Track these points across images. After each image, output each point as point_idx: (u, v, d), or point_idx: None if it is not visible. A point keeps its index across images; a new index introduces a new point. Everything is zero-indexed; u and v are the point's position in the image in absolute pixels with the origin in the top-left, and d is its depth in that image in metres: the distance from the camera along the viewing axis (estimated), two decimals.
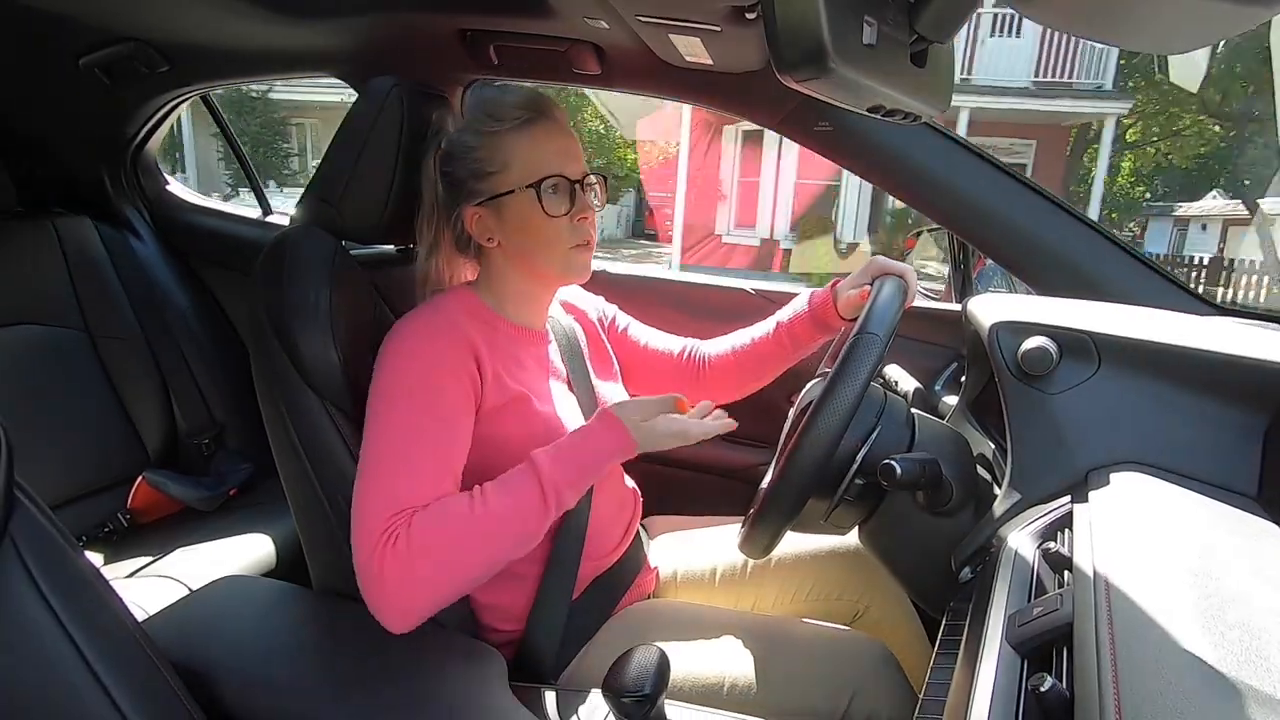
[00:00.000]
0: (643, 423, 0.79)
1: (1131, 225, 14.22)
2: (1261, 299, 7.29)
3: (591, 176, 0.86)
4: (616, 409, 0.80)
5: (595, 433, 0.79)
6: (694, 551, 1.06)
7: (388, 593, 0.70)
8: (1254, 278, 7.61)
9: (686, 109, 10.16)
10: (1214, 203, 12.43)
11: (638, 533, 1.02)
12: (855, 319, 0.97)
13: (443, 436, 0.76)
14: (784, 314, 1.03)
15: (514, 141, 0.82)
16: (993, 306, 0.82)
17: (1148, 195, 15.02)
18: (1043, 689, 0.43)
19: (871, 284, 0.92)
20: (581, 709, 0.76)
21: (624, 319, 1.10)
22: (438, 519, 0.71)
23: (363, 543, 0.71)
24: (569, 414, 0.89)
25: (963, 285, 1.27)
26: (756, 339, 1.05)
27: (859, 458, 0.80)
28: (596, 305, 1.07)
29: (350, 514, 0.74)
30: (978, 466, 0.85)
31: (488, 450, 0.81)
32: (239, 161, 1.93)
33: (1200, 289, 1.06)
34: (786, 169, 10.55)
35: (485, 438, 0.81)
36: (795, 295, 1.03)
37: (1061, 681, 0.44)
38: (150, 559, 1.24)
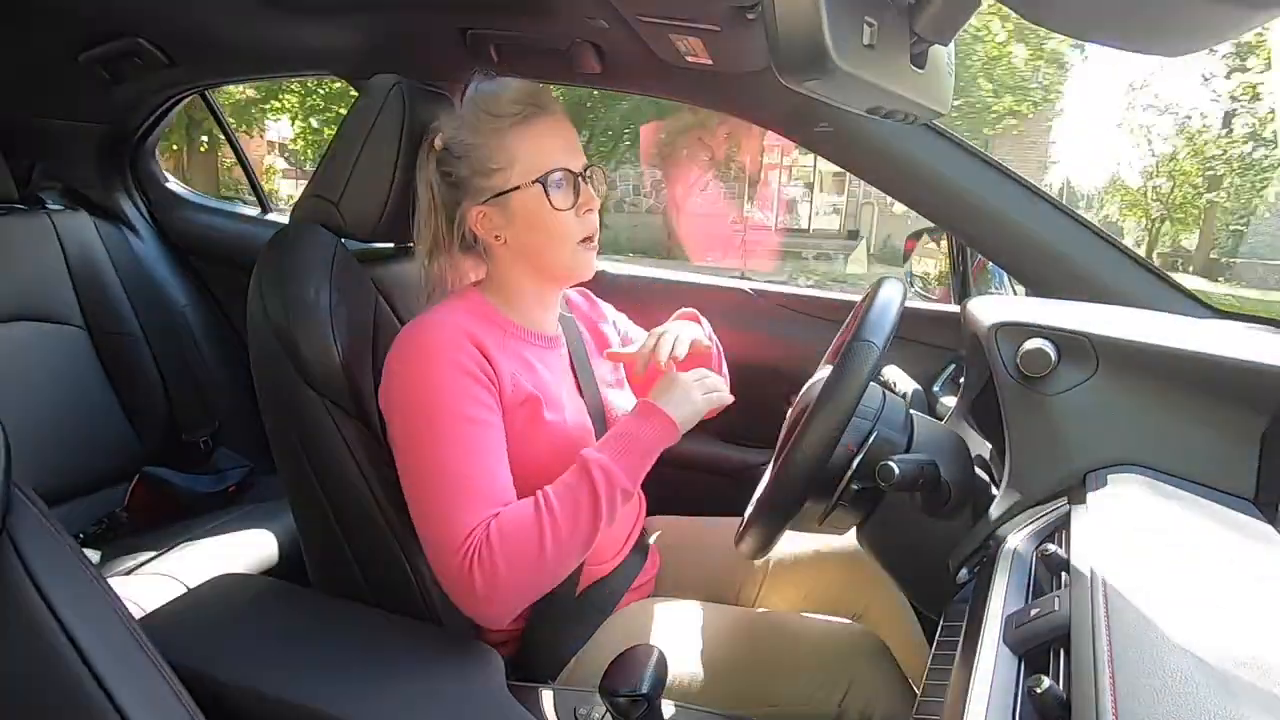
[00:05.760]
0: (680, 403, 0.84)
1: None
2: None
3: (591, 168, 0.86)
4: (655, 397, 0.85)
5: (641, 426, 0.82)
6: (693, 551, 1.06)
7: (481, 603, 0.74)
8: None
9: None
10: None
11: (639, 534, 1.02)
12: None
13: (486, 442, 0.77)
14: None
15: (516, 136, 0.82)
16: (992, 308, 0.82)
17: None
18: (1040, 690, 0.43)
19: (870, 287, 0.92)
20: (580, 709, 0.76)
21: (635, 329, 1.10)
22: (512, 530, 0.74)
23: (447, 563, 0.74)
24: (577, 420, 0.88)
25: (961, 286, 1.27)
26: None
27: (857, 459, 0.80)
28: (606, 312, 1.07)
29: (355, 518, 0.74)
30: (976, 468, 0.85)
31: None
32: (238, 159, 1.93)
33: None
34: None
35: None
36: (795, 295, 1.04)
37: (1058, 683, 0.44)
38: (149, 556, 1.24)
